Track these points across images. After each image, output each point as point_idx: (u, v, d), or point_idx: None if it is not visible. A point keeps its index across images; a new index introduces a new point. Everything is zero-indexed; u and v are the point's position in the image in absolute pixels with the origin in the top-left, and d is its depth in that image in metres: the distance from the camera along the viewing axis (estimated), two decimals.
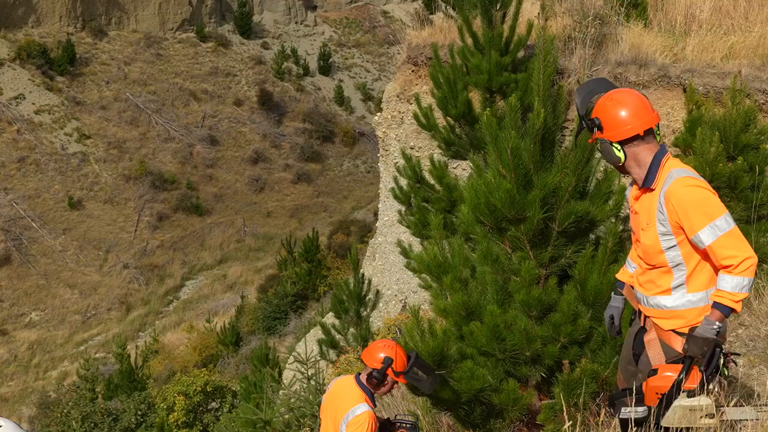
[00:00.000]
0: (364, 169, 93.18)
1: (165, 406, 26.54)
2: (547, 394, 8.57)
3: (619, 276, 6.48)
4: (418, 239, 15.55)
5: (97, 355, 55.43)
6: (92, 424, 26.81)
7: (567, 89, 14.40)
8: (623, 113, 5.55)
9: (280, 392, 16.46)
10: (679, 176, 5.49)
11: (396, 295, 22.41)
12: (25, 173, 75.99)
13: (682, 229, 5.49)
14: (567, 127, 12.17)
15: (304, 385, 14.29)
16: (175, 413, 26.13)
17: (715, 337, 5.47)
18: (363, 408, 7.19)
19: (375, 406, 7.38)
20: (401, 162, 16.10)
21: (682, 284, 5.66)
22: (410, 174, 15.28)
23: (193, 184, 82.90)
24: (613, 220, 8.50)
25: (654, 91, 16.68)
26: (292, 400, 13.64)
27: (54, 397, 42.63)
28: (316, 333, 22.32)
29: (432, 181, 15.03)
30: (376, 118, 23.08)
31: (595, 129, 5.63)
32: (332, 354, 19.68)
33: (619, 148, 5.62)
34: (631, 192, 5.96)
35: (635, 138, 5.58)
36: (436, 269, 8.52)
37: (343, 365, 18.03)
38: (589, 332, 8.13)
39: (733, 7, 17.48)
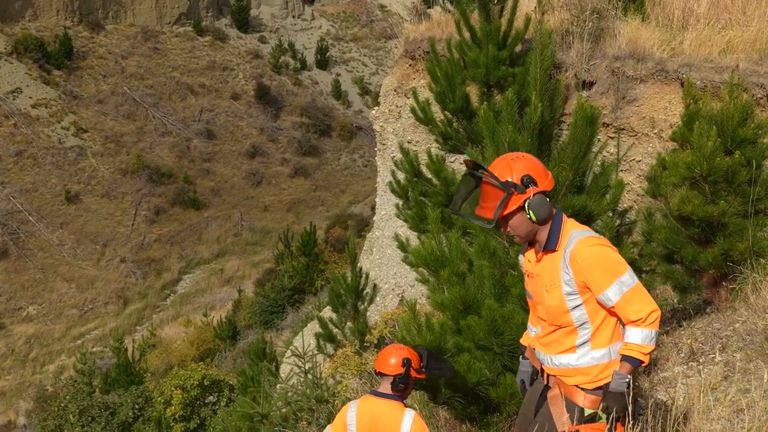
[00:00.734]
0: (362, 163, 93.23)
1: (162, 400, 26.53)
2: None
3: (523, 341, 6.48)
4: (416, 233, 15.55)
5: (95, 349, 55.46)
6: (89, 418, 26.83)
7: (564, 83, 14.40)
8: (537, 162, 5.53)
9: (278, 386, 16.45)
10: (581, 237, 5.51)
11: (393, 289, 22.42)
12: (23, 167, 75.95)
13: (588, 288, 5.50)
14: (564, 122, 12.18)
15: (302, 379, 14.28)
16: (173, 407, 26.12)
17: (627, 389, 5.62)
18: (410, 413, 7.21)
19: None
20: (398, 156, 16.09)
21: (586, 342, 5.67)
22: (408, 168, 15.27)
23: (190, 178, 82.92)
24: (610, 215, 8.50)
25: (651, 86, 16.67)
26: (290, 393, 13.63)
27: (51, 391, 42.67)
28: (314, 327, 22.32)
29: (429, 175, 15.01)
30: (373, 112, 23.07)
31: (530, 186, 5.39)
32: (329, 348, 19.67)
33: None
34: (526, 256, 5.90)
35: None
36: (434, 263, 8.52)
37: (340, 359, 18.02)
38: None
39: (730, 1, 17.46)
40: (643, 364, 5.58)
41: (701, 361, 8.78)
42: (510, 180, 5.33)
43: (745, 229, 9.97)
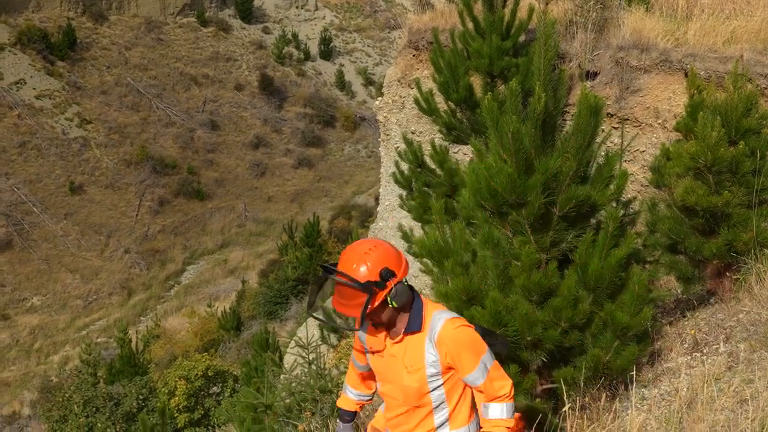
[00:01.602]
0: (365, 153, 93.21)
1: (166, 391, 26.60)
2: (548, 378, 8.57)
3: (342, 405, 6.34)
4: (419, 224, 15.56)
5: (99, 340, 55.55)
6: (94, 409, 26.86)
7: (568, 74, 14.38)
8: (390, 248, 5.42)
9: (281, 377, 16.45)
10: (446, 318, 5.47)
11: None
12: (27, 158, 75.97)
13: (451, 368, 5.49)
14: (568, 112, 12.16)
15: (305, 370, 14.29)
16: (177, 398, 26.19)
17: None
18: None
19: None
20: (402, 147, 16.10)
21: (444, 422, 5.64)
22: (411, 159, 15.28)
23: (194, 169, 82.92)
24: (614, 205, 8.49)
25: (655, 76, 16.65)
26: (293, 384, 13.62)
27: (56, 381, 42.78)
28: None
29: (433, 166, 15.02)
30: (377, 102, 23.05)
31: (390, 279, 5.25)
32: (333, 338, 19.70)
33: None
34: (375, 334, 5.72)
35: None
36: (437, 254, 8.51)
37: (344, 349, 18.05)
38: (589, 317, 8.13)
39: None
40: None
41: (705, 351, 8.78)
42: (369, 278, 5.17)
43: (749, 219, 9.96)
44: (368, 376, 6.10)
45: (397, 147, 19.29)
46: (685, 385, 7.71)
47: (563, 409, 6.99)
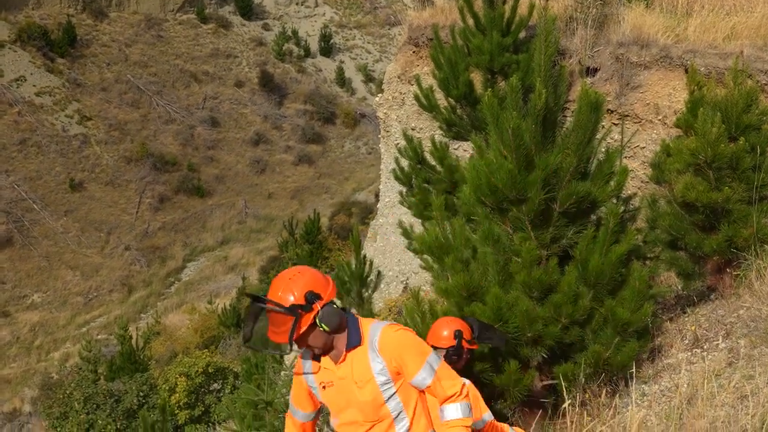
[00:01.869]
0: (366, 150, 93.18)
1: (167, 388, 26.60)
2: (548, 374, 8.58)
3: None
4: (420, 220, 15.56)
5: (99, 337, 55.53)
6: (94, 406, 26.86)
7: (569, 70, 14.37)
8: (316, 273, 5.46)
9: (282, 373, 16.48)
10: (383, 326, 5.51)
11: (397, 276, 22.44)
12: (27, 155, 75.95)
13: (400, 374, 5.51)
14: (568, 108, 12.17)
15: None
16: (177, 394, 26.19)
17: None
18: (463, 381, 7.22)
19: None
20: (402, 143, 16.10)
21: None
22: (411, 155, 15.28)
23: (195, 166, 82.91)
24: (615, 201, 8.50)
25: (656, 72, 16.65)
26: None
27: (56, 378, 42.77)
28: None
29: (433, 162, 15.02)
30: (377, 99, 23.06)
31: (315, 302, 5.28)
32: None
33: None
34: (320, 369, 5.71)
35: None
36: (438, 250, 8.53)
37: None
38: (590, 313, 8.14)
39: None
40: None
41: (705, 347, 8.78)
42: (294, 302, 5.24)
43: (749, 215, 9.97)
44: (310, 427, 6.09)
45: (398, 143, 19.30)
46: (686, 381, 7.71)
47: (563, 405, 6.99)
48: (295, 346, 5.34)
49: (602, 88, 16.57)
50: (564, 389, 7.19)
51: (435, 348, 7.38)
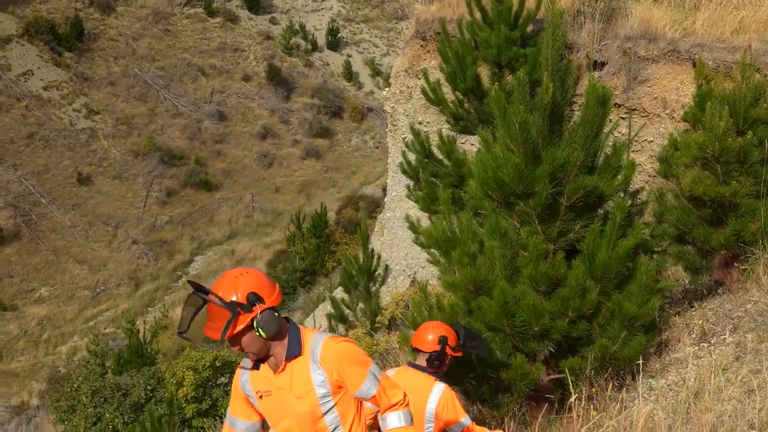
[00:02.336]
0: (373, 144, 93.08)
1: (174, 381, 26.61)
2: (555, 368, 8.59)
3: None
4: (427, 214, 15.57)
5: (107, 331, 55.64)
6: (102, 399, 26.91)
7: (576, 64, 14.36)
8: (263, 277, 5.42)
9: None
10: (325, 337, 5.46)
11: (405, 270, 22.45)
12: (34, 149, 76.02)
13: (341, 387, 5.47)
14: (575, 102, 12.15)
15: None
16: (185, 388, 26.18)
17: None
18: (440, 385, 7.20)
19: None
20: (410, 137, 16.11)
21: None
22: (419, 149, 15.29)
23: (202, 160, 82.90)
24: (622, 195, 8.49)
25: (663, 66, 16.63)
26: None
27: (64, 372, 42.89)
28: (325, 308, 22.40)
29: (440, 156, 15.03)
30: (384, 93, 23.06)
31: (256, 304, 5.22)
32: (341, 328, 19.73)
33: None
34: (257, 376, 5.65)
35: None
36: (445, 244, 8.53)
37: (352, 339, 18.07)
38: (597, 307, 8.14)
39: None
40: None
41: (713, 341, 8.78)
42: (235, 299, 5.18)
43: (757, 209, 9.96)
44: None
45: (405, 137, 19.31)
46: (693, 376, 7.71)
47: (570, 400, 6.99)
48: (229, 346, 5.30)
49: (610, 82, 16.56)
50: (571, 383, 7.20)
51: (418, 351, 7.40)
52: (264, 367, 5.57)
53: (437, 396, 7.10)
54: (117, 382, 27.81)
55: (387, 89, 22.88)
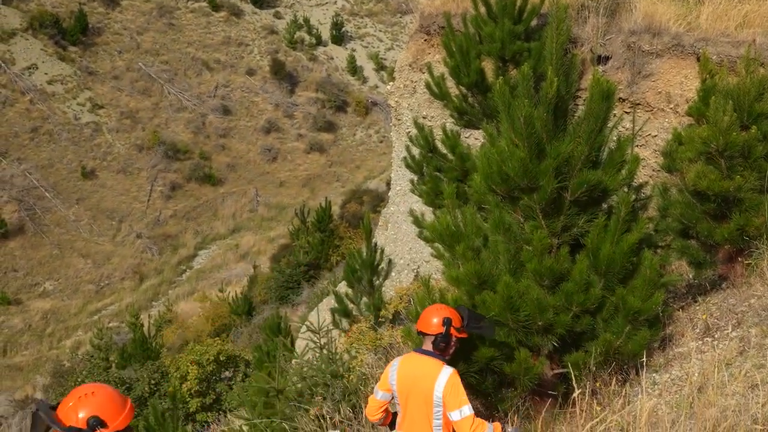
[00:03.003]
0: (377, 138, 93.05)
1: (178, 375, 26.66)
2: (559, 363, 8.58)
3: None
4: (431, 208, 15.58)
5: (111, 325, 55.66)
6: None
7: (580, 58, 14.34)
8: (111, 397, 5.12)
9: (293, 361, 16.49)
10: None
11: (408, 264, 22.45)
12: (39, 143, 76.06)
13: None
14: (580, 97, 12.14)
15: (317, 354, 14.32)
16: (189, 382, 26.24)
17: None
18: (448, 369, 7.17)
19: None
20: (414, 131, 16.10)
21: None
22: (423, 143, 15.29)
23: (206, 154, 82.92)
24: (626, 190, 8.48)
25: (667, 60, 16.61)
26: (305, 369, 13.65)
27: (68, 366, 42.91)
28: (329, 302, 22.39)
29: (444, 151, 15.03)
30: (388, 87, 23.05)
31: (97, 429, 4.93)
32: (345, 323, 19.73)
33: None
34: None
35: None
36: (449, 238, 8.52)
37: (356, 334, 18.08)
38: (601, 301, 8.13)
39: None
40: None
41: (716, 336, 8.78)
42: (74, 425, 4.93)
43: (761, 204, 9.95)
44: None
45: (409, 132, 19.30)
46: (696, 370, 7.71)
47: (574, 394, 6.99)
48: None
49: (614, 76, 16.54)
50: (574, 378, 7.19)
51: (423, 334, 7.40)
52: None
53: (444, 379, 7.09)
54: (121, 376, 27.87)
55: (391, 83, 22.87)
